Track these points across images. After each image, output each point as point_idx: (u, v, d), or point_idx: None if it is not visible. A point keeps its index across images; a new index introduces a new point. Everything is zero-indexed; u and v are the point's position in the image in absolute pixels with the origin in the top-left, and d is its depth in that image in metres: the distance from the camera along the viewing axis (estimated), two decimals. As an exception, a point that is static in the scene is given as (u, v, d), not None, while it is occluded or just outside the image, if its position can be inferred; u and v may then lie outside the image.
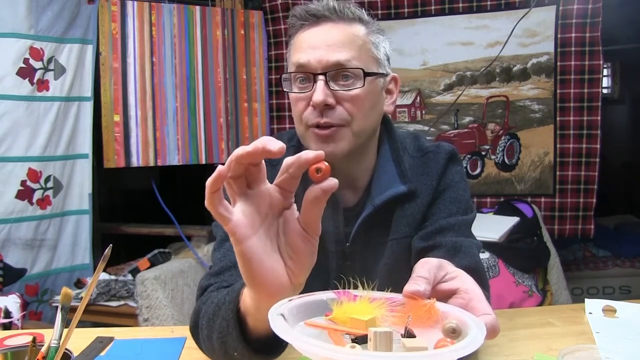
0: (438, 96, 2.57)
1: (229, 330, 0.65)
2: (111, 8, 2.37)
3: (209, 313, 0.73)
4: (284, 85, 0.93)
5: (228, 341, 0.67)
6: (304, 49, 0.87)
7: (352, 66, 0.85)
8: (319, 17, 0.88)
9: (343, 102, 0.85)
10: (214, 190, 0.47)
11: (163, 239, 2.67)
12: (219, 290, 0.80)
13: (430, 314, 0.51)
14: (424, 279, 0.55)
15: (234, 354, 0.67)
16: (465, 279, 0.58)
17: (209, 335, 0.73)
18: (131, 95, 2.41)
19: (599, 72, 2.37)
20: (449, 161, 0.95)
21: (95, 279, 0.64)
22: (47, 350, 0.63)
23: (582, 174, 2.42)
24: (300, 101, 0.88)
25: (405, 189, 0.91)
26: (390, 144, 0.96)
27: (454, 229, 0.89)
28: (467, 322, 0.49)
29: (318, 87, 0.84)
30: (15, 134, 2.20)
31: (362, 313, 0.49)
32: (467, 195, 0.95)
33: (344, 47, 0.85)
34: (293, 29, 0.92)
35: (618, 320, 0.95)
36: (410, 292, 0.53)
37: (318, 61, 0.85)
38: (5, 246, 2.18)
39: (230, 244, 0.88)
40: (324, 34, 0.86)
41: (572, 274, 2.85)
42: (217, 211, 0.48)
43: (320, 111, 0.85)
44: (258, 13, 2.64)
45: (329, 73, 0.84)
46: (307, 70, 0.86)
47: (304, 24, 0.89)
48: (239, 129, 2.62)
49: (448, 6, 2.51)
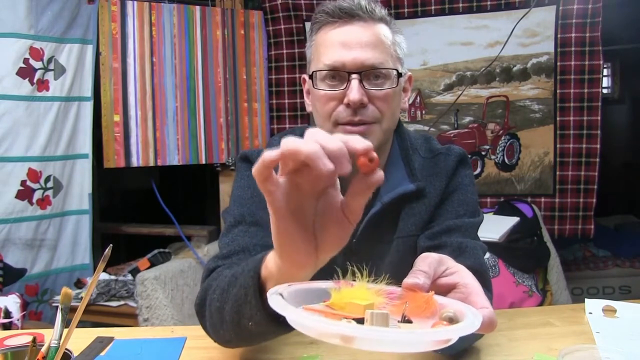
0: (438, 96, 2.57)
1: (247, 298, 0.65)
2: (111, 8, 2.37)
3: (222, 285, 0.73)
4: (307, 83, 0.94)
5: (244, 310, 0.66)
6: (337, 48, 0.87)
7: (387, 67, 0.87)
8: (352, 15, 0.88)
9: (375, 100, 0.87)
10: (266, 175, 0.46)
11: (163, 239, 2.67)
12: (230, 268, 0.79)
13: (428, 305, 0.51)
14: (424, 272, 0.55)
15: (249, 323, 0.66)
16: (464, 273, 0.58)
17: (219, 307, 0.72)
18: (131, 95, 2.41)
19: (599, 72, 2.37)
20: (459, 164, 0.97)
21: (95, 279, 0.64)
22: (47, 350, 0.64)
23: (582, 174, 2.42)
24: (331, 100, 0.88)
25: (413, 188, 0.92)
26: (400, 143, 0.97)
27: (461, 230, 0.90)
28: (464, 312, 0.50)
29: (354, 86, 0.85)
30: (15, 134, 2.20)
31: (360, 299, 0.49)
32: (475, 199, 0.96)
33: (377, 48, 0.87)
34: (319, 25, 0.91)
35: (618, 320, 0.95)
36: (410, 285, 0.53)
37: (353, 61, 0.85)
38: (5, 246, 2.18)
39: (239, 230, 0.90)
40: (357, 34, 0.87)
41: (572, 274, 2.85)
42: (264, 184, 0.47)
43: (354, 109, 0.86)
44: (258, 13, 2.64)
45: (362, 73, 0.86)
46: (341, 69, 0.86)
47: (335, 21, 0.88)
48: (239, 129, 2.62)
49: (448, 6, 2.51)
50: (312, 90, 0.92)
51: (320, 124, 0.91)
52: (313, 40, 0.93)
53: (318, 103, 0.90)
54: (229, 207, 0.96)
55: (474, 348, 0.82)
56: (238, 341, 0.77)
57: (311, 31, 0.94)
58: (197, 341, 0.88)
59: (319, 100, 0.90)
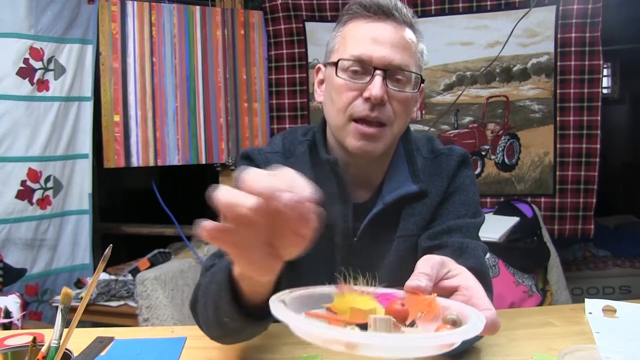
0: (438, 96, 2.57)
1: (222, 293, 0.66)
2: (111, 8, 2.37)
3: (206, 283, 0.75)
4: (321, 72, 0.95)
5: (221, 306, 0.68)
6: (368, 42, 0.87)
7: (411, 70, 0.87)
8: (388, 14, 0.88)
9: (392, 101, 0.87)
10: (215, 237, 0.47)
11: (163, 239, 2.67)
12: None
13: (430, 308, 0.51)
14: (426, 275, 0.55)
15: (225, 319, 0.68)
16: (466, 276, 0.58)
17: (205, 304, 0.74)
18: (131, 95, 2.41)
19: (599, 72, 2.37)
20: (461, 164, 0.97)
21: (95, 279, 0.64)
22: (47, 350, 0.64)
23: (582, 174, 2.42)
24: (350, 91, 0.87)
25: (416, 189, 0.92)
26: (404, 144, 0.97)
27: (462, 231, 0.90)
28: (467, 314, 0.50)
29: (377, 82, 0.84)
30: (15, 134, 2.20)
31: (362, 304, 0.49)
32: (476, 199, 0.96)
33: (405, 51, 0.87)
34: (351, 16, 0.91)
35: (618, 320, 0.95)
36: (412, 288, 0.53)
37: (381, 58, 0.85)
38: (5, 246, 2.18)
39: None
40: (390, 33, 0.87)
41: (572, 274, 2.85)
42: (216, 243, 0.49)
43: (373, 105, 0.85)
44: (258, 13, 2.64)
45: (387, 71, 0.86)
46: (367, 63, 0.86)
47: (370, 15, 0.88)
48: (239, 129, 2.62)
49: (448, 6, 2.51)
50: (331, 79, 0.91)
51: (334, 116, 0.90)
52: (340, 30, 0.92)
53: (335, 93, 0.89)
54: None
55: (474, 348, 0.82)
56: (225, 337, 0.78)
57: (339, 21, 0.94)
58: (197, 341, 0.88)
59: (337, 90, 0.89)
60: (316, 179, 0.96)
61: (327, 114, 0.93)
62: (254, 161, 0.96)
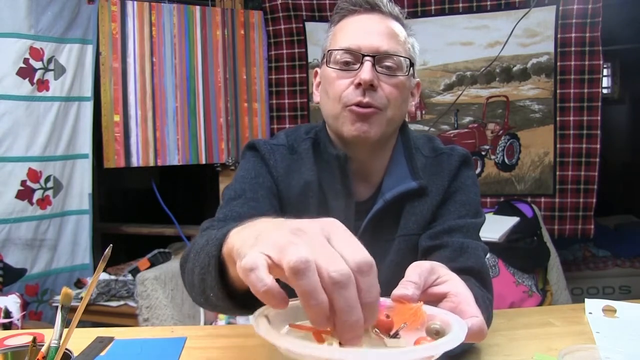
0: (438, 96, 2.57)
1: (209, 268, 0.64)
2: (111, 8, 2.37)
3: (198, 246, 0.72)
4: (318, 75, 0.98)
5: (207, 279, 0.65)
6: (356, 33, 0.91)
7: (399, 55, 0.90)
8: (372, 6, 0.93)
9: (384, 86, 0.89)
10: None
11: (163, 239, 2.67)
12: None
13: (416, 317, 0.51)
14: (413, 283, 0.55)
15: (210, 294, 0.66)
16: (456, 282, 0.58)
17: (192, 268, 0.72)
18: (131, 95, 2.41)
19: (599, 72, 2.37)
20: (462, 164, 0.97)
21: (95, 279, 0.64)
22: (47, 350, 0.63)
23: (582, 174, 2.42)
24: (342, 79, 0.90)
25: (415, 185, 0.92)
26: (403, 142, 0.98)
27: (462, 231, 0.90)
28: (451, 323, 0.50)
29: (366, 67, 0.87)
30: (15, 134, 2.20)
31: None
32: (477, 199, 0.97)
33: (392, 39, 0.91)
34: (340, 15, 0.95)
35: (618, 320, 0.95)
36: (398, 296, 0.53)
37: (369, 45, 0.88)
38: (5, 246, 2.18)
39: (237, 202, 0.90)
40: (376, 23, 0.92)
41: (572, 274, 2.85)
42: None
43: (364, 90, 0.87)
44: (258, 13, 2.64)
45: (376, 57, 0.88)
46: (356, 52, 0.89)
47: (356, 9, 0.93)
48: (239, 129, 2.62)
49: (448, 6, 2.51)
50: (324, 72, 0.94)
51: (329, 107, 0.92)
52: (332, 30, 0.96)
53: (328, 84, 0.92)
54: (230, 184, 0.96)
55: (474, 348, 0.82)
56: (207, 307, 0.76)
57: (331, 22, 0.97)
58: (197, 341, 0.88)
59: (330, 82, 0.91)
60: (320, 176, 0.97)
61: (323, 109, 0.95)
62: (260, 151, 0.97)
